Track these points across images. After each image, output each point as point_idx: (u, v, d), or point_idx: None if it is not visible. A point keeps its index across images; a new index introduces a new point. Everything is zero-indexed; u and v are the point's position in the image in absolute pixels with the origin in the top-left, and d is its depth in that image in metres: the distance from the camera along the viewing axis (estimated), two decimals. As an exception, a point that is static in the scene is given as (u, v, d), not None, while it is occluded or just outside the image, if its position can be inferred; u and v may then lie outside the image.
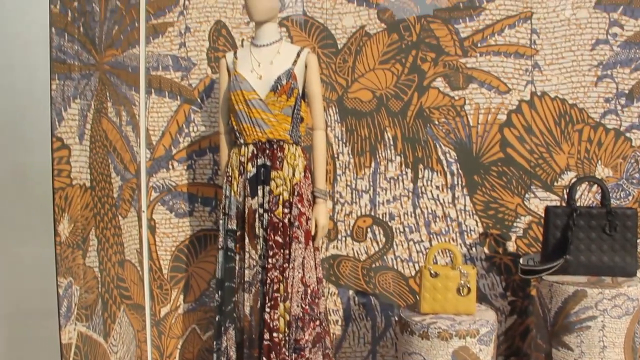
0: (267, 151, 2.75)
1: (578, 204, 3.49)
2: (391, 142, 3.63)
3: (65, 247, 2.70)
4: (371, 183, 3.65)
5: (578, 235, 3.07)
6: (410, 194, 3.64)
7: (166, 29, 3.78)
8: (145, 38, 3.77)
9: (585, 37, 3.57)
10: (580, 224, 3.05)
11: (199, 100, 3.74)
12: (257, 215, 2.70)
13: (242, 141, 2.79)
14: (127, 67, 3.58)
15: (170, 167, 3.77)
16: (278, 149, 2.74)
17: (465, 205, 3.63)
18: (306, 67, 2.80)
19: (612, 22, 3.55)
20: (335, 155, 3.64)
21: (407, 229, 3.65)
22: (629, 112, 3.57)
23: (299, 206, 2.69)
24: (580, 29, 3.58)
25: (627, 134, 3.57)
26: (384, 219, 3.63)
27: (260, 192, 2.73)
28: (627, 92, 3.55)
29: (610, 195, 3.30)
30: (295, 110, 2.77)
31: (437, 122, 3.62)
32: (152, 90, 3.76)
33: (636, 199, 3.57)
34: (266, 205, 2.72)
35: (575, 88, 3.59)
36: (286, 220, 2.64)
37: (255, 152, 2.74)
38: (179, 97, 3.76)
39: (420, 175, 3.63)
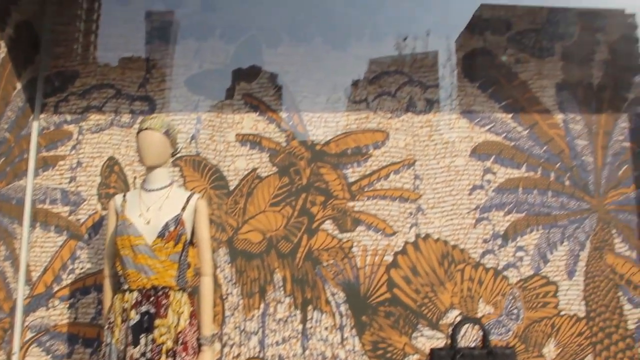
0: (152, 298, 2.79)
1: (463, 341, 3.75)
2: (281, 284, 3.81)
3: None
4: (260, 324, 3.77)
5: (462, 376, 3.28)
6: (300, 335, 3.78)
7: (57, 162, 3.89)
8: (34, 170, 3.83)
9: (463, 182, 4.01)
10: (463, 365, 3.28)
11: (86, 236, 3.79)
12: (138, 365, 2.68)
13: (126, 287, 2.82)
14: (11, 200, 3.61)
15: (51, 305, 3.72)
16: (163, 295, 2.79)
17: (354, 346, 3.80)
18: (195, 212, 2.92)
19: (485, 169, 4.02)
20: (224, 297, 3.76)
21: (297, 371, 3.76)
22: (505, 252, 3.97)
23: (183, 355, 2.72)
24: (459, 176, 4.02)
25: (505, 273, 3.95)
26: (274, 361, 3.73)
27: (142, 341, 2.73)
28: (502, 233, 3.96)
29: (492, 331, 3.60)
30: (183, 257, 2.87)
31: (325, 264, 3.84)
32: (37, 224, 3.77)
33: (516, 334, 3.88)
34: (148, 354, 2.72)
35: (456, 230, 3.97)
36: (169, 370, 2.65)
37: (139, 298, 2.78)
38: (65, 232, 3.80)
39: (309, 317, 3.80)
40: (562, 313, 4.09)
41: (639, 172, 4.38)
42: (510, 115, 4.29)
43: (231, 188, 3.86)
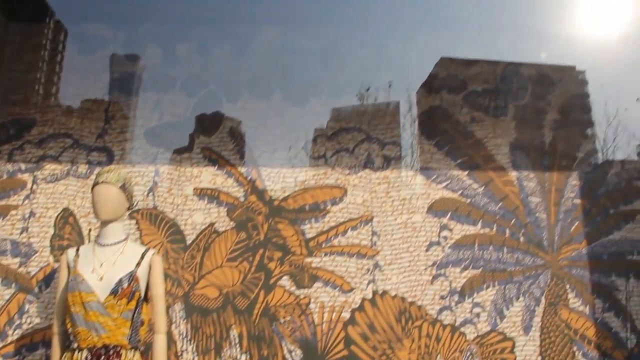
0: (103, 357, 2.73)
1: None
2: (237, 340, 3.79)
3: None
4: (216, 382, 3.73)
5: None
6: (256, 393, 3.76)
7: (9, 212, 3.83)
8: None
9: (420, 239, 4.10)
10: None
11: (36, 289, 3.72)
12: None
13: (75, 345, 2.76)
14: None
15: (-7, 364, 3.62)
16: (115, 355, 2.74)
17: (311, 405, 3.80)
18: (150, 268, 2.90)
19: (442, 226, 4.13)
20: (179, 353, 3.73)
21: None
22: (462, 308, 4.04)
23: (136, 415, 2.64)
24: (416, 232, 4.11)
25: (462, 329, 4.01)
26: (229, 420, 3.68)
27: (91, 403, 2.65)
28: (459, 289, 4.04)
29: (450, 389, 3.62)
30: (136, 314, 2.82)
31: (282, 321, 3.84)
32: (-16, 277, 3.71)
33: (474, 392, 3.92)
34: (98, 416, 2.63)
35: (414, 286, 4.03)
36: None
37: (89, 358, 2.71)
38: (13, 285, 3.72)
39: (266, 374, 3.78)
40: (520, 369, 4.16)
41: (589, 229, 4.55)
42: (466, 173, 4.43)
43: (188, 242, 3.87)
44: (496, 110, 4.62)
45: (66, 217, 3.81)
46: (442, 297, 4.10)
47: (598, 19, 4.74)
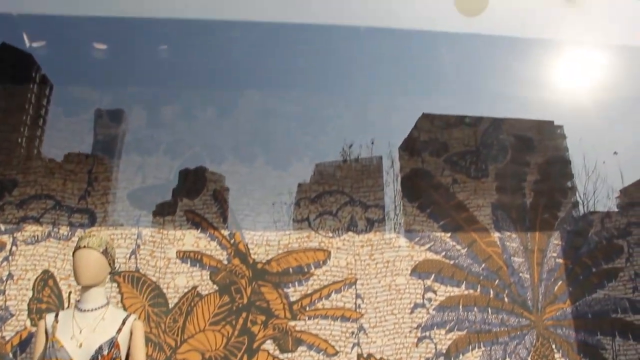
0: None
1: None
2: (219, 407, 3.73)
3: None
4: None
5: None
6: None
7: (-14, 278, 3.78)
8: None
9: (404, 301, 4.11)
10: None
11: (10, 355, 3.64)
12: None
13: (51, 414, 2.65)
14: None
15: None
16: (93, 422, 2.64)
17: None
18: (131, 334, 2.86)
19: (426, 288, 4.14)
20: (159, 422, 3.64)
21: None
22: (448, 371, 4.01)
23: None
24: (400, 294, 4.12)
25: (448, 393, 3.97)
26: None
27: None
28: (444, 351, 4.03)
29: None
30: (115, 381, 2.74)
31: (266, 386, 3.81)
32: (-44, 344, 3.63)
33: None
34: None
35: (399, 349, 4.02)
36: None
37: None
38: (-12, 352, 3.64)
39: None
40: None
41: (573, 288, 4.59)
42: (449, 234, 4.49)
43: (170, 306, 3.84)
44: (477, 172, 4.72)
45: (46, 280, 3.77)
46: (427, 360, 4.08)
47: (574, 75, 4.90)
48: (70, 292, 3.76)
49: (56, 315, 3.16)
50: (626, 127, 5.01)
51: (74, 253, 3.18)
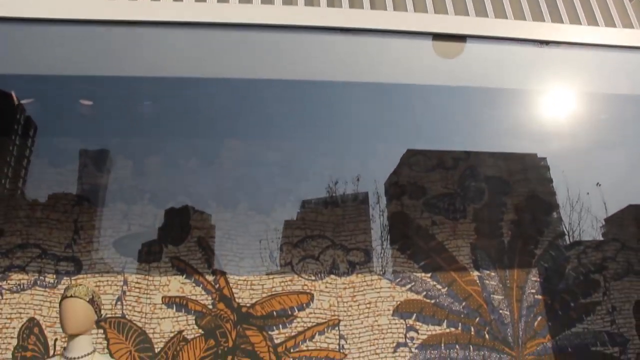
0: None
1: None
2: None
3: None
4: None
5: None
6: None
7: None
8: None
9: (387, 341, 4.21)
10: None
11: (-3, 407, 3.67)
12: None
13: None
14: None
15: None
16: None
17: None
18: (117, 382, 2.90)
19: (408, 327, 4.24)
20: None
21: None
22: (432, 411, 4.09)
23: None
24: (382, 334, 4.22)
25: None
26: None
27: None
28: (428, 391, 4.11)
29: None
30: None
31: None
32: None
33: None
34: None
35: (382, 389, 4.10)
36: None
37: None
38: (-28, 404, 3.67)
39: None
40: None
41: (553, 323, 4.71)
42: (429, 275, 4.61)
43: (157, 350, 3.90)
44: (455, 213, 4.87)
45: (31, 327, 3.83)
46: (411, 400, 4.16)
47: (555, 107, 5.05)
48: (55, 340, 3.81)
49: (42, 365, 3.20)
50: (608, 163, 5.19)
51: (60, 302, 3.25)
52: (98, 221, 4.32)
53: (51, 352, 3.70)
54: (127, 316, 3.93)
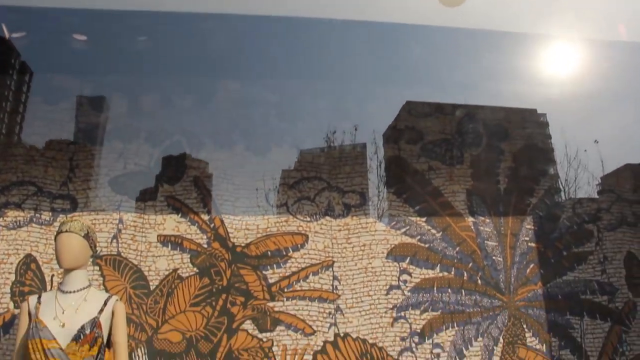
0: (64, 401, 2.73)
1: None
2: (200, 385, 3.86)
3: None
4: None
5: None
6: None
7: (-33, 259, 3.85)
8: None
9: (380, 283, 4.26)
10: None
11: (-5, 337, 3.73)
12: None
13: (36, 392, 2.74)
14: None
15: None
16: (76, 399, 2.73)
17: None
18: (113, 315, 2.95)
19: (402, 270, 4.29)
20: (142, 400, 3.75)
21: None
22: (423, 349, 4.18)
23: None
24: (376, 276, 4.27)
25: (422, 371, 4.13)
26: None
27: None
28: (419, 331, 4.18)
29: None
30: (98, 360, 2.83)
31: (245, 364, 3.94)
32: None
33: None
34: None
35: (374, 329, 4.16)
36: None
37: (50, 403, 2.71)
38: (-30, 324, 3.73)
39: (228, 419, 3.84)
40: (480, 409, 4.29)
41: (545, 270, 4.76)
42: (424, 219, 4.63)
43: (152, 288, 3.94)
44: (452, 159, 4.85)
45: (28, 263, 3.85)
46: (402, 339, 4.23)
47: (557, 63, 5.01)
48: (52, 276, 3.84)
49: (39, 297, 3.21)
50: (608, 117, 5.16)
51: (55, 237, 3.25)
52: (93, 159, 4.30)
53: (48, 288, 3.73)
54: (122, 254, 3.95)
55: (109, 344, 3.21)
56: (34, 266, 3.81)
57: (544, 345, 4.41)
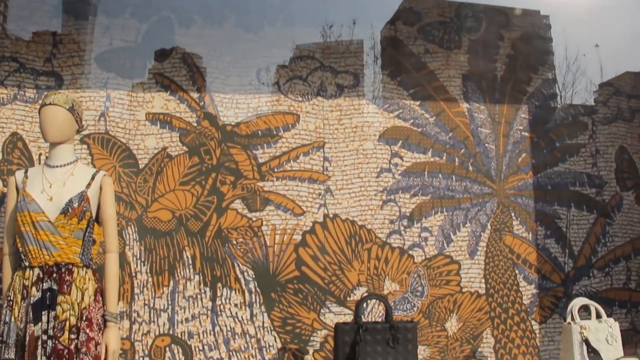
0: (55, 275, 2.77)
1: (370, 317, 3.96)
2: (190, 262, 3.90)
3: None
4: (170, 302, 3.84)
5: (365, 349, 3.45)
6: (209, 312, 3.88)
7: (-46, 137, 3.78)
8: None
9: (371, 165, 4.22)
10: (366, 338, 3.46)
11: (-16, 214, 3.72)
12: (39, 343, 2.70)
13: (27, 264, 2.79)
14: None
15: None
16: (66, 272, 2.78)
17: (263, 322, 3.96)
18: (101, 189, 2.92)
19: (393, 153, 4.24)
20: (133, 274, 3.81)
21: (206, 347, 3.87)
22: (411, 232, 4.21)
23: (87, 331, 2.74)
24: (367, 159, 4.23)
25: (410, 252, 4.20)
26: (183, 338, 3.80)
27: (44, 318, 2.73)
28: (408, 214, 4.20)
29: (398, 307, 3.85)
30: (87, 233, 2.87)
31: (235, 242, 3.95)
32: None
33: (420, 310, 4.14)
34: (50, 332, 2.71)
35: (364, 211, 4.17)
36: (72, 347, 2.68)
37: (41, 275, 2.76)
38: (-39, 210, 3.72)
39: (219, 294, 3.90)
40: (464, 290, 4.38)
41: (536, 160, 4.74)
42: (418, 103, 4.53)
43: (141, 166, 3.89)
44: (450, 42, 4.69)
45: (15, 142, 3.78)
46: (391, 222, 4.25)
47: None
48: (40, 154, 3.78)
49: (25, 172, 3.18)
50: (610, 21, 4.99)
51: (40, 110, 3.16)
52: (78, 35, 4.11)
53: (36, 165, 3.67)
54: (110, 132, 3.86)
55: (99, 220, 3.20)
56: (20, 145, 3.74)
57: (530, 233, 4.46)
